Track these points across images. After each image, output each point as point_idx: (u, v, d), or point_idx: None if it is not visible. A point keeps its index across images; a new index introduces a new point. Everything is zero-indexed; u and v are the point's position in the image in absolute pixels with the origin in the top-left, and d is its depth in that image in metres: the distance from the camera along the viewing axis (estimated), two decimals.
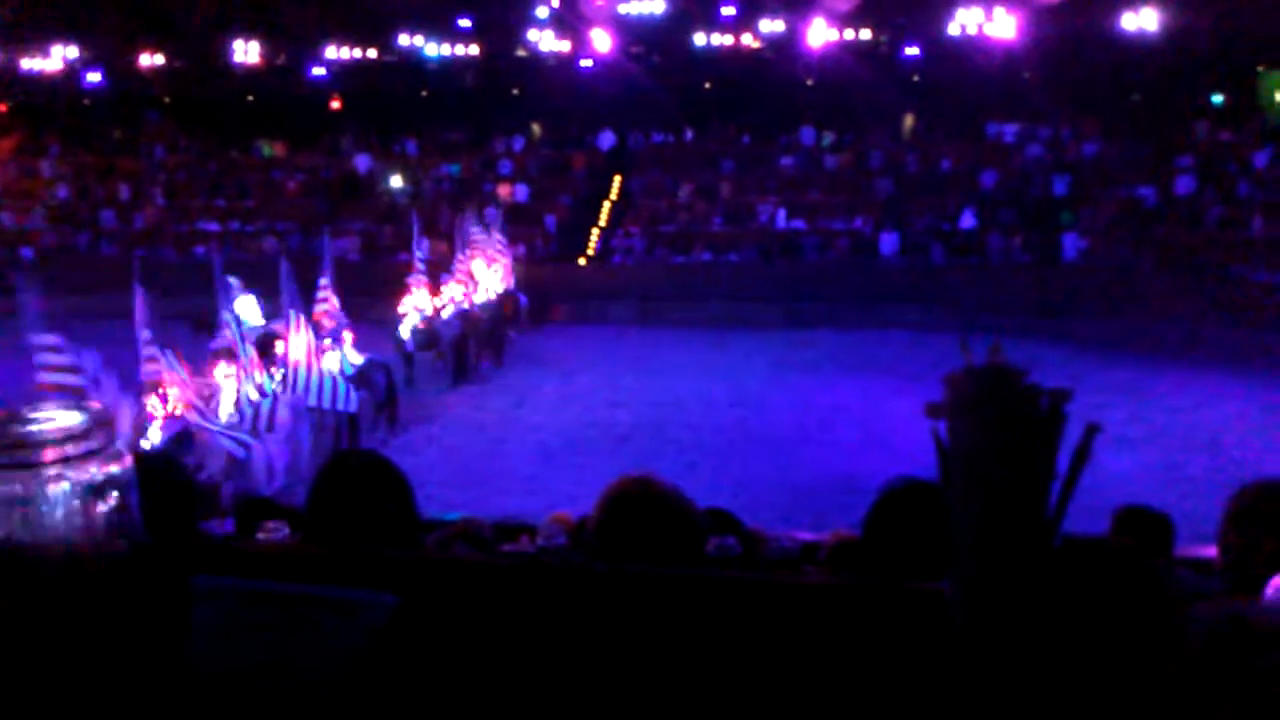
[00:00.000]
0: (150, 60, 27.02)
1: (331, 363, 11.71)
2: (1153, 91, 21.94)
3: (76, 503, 1.22)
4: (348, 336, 12.47)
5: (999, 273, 19.70)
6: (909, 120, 24.38)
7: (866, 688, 1.41)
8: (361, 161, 25.85)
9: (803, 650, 1.47)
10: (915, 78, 23.54)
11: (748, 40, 24.34)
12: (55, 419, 1.22)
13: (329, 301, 12.48)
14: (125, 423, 8.47)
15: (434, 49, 25.83)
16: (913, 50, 23.06)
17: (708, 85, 25.02)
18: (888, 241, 21.11)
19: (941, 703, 1.27)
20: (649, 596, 1.60)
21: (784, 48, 23.79)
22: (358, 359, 12.38)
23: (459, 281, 16.42)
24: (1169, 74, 21.18)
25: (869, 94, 22.74)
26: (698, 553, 2.37)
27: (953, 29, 22.41)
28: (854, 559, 2.43)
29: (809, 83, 23.97)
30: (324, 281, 12.73)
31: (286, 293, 11.36)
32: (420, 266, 15.66)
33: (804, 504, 9.15)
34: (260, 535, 2.56)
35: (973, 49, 22.18)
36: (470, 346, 15.61)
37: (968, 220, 21.14)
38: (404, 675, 1.35)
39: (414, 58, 26.08)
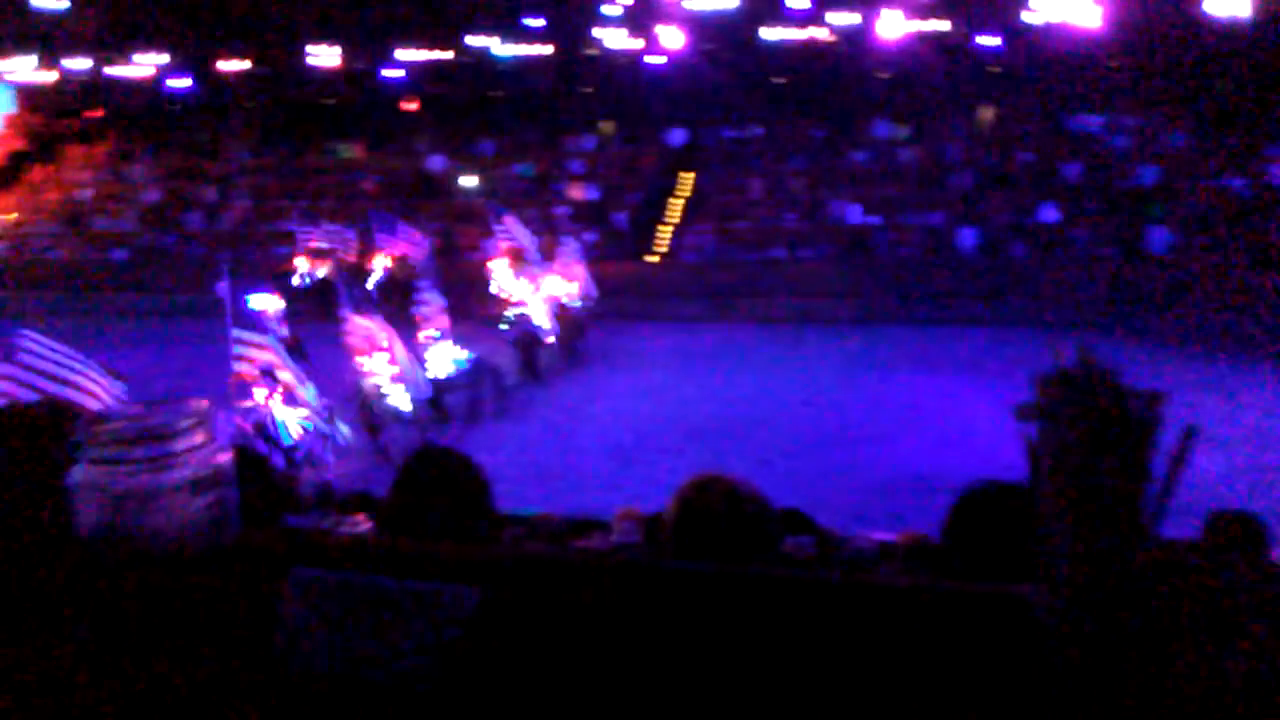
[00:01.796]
0: (234, 66, 27.86)
1: (440, 358, 12.30)
2: (1243, 78, 21.09)
3: (179, 496, 1.27)
4: (445, 334, 12.71)
5: (1082, 268, 19.15)
6: (987, 112, 23.86)
7: (947, 691, 1.39)
8: (436, 162, 26.27)
9: (882, 653, 1.45)
10: (993, 68, 23.02)
11: (819, 33, 24.09)
12: (162, 416, 1.28)
13: (429, 305, 12.70)
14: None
15: (506, 49, 26.13)
16: (990, 40, 22.54)
17: (779, 80, 24.83)
18: (966, 236, 20.69)
19: (1028, 707, 1.24)
20: (726, 595, 1.60)
21: (856, 40, 23.49)
22: (462, 356, 12.67)
23: (556, 277, 16.66)
24: (1260, 60, 20.34)
25: (945, 86, 22.32)
26: (772, 552, 2.36)
27: (1032, 17, 21.86)
28: (932, 560, 2.39)
29: (882, 75, 23.62)
30: (425, 283, 13.06)
31: (351, 296, 11.73)
32: (531, 262, 16.04)
33: (878, 504, 9.03)
34: (343, 528, 2.63)
35: (1054, 37, 21.60)
36: (554, 344, 15.82)
37: (1049, 214, 20.61)
38: (486, 666, 1.37)
39: (486, 59, 26.42)
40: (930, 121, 23.45)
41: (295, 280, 20.04)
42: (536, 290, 15.79)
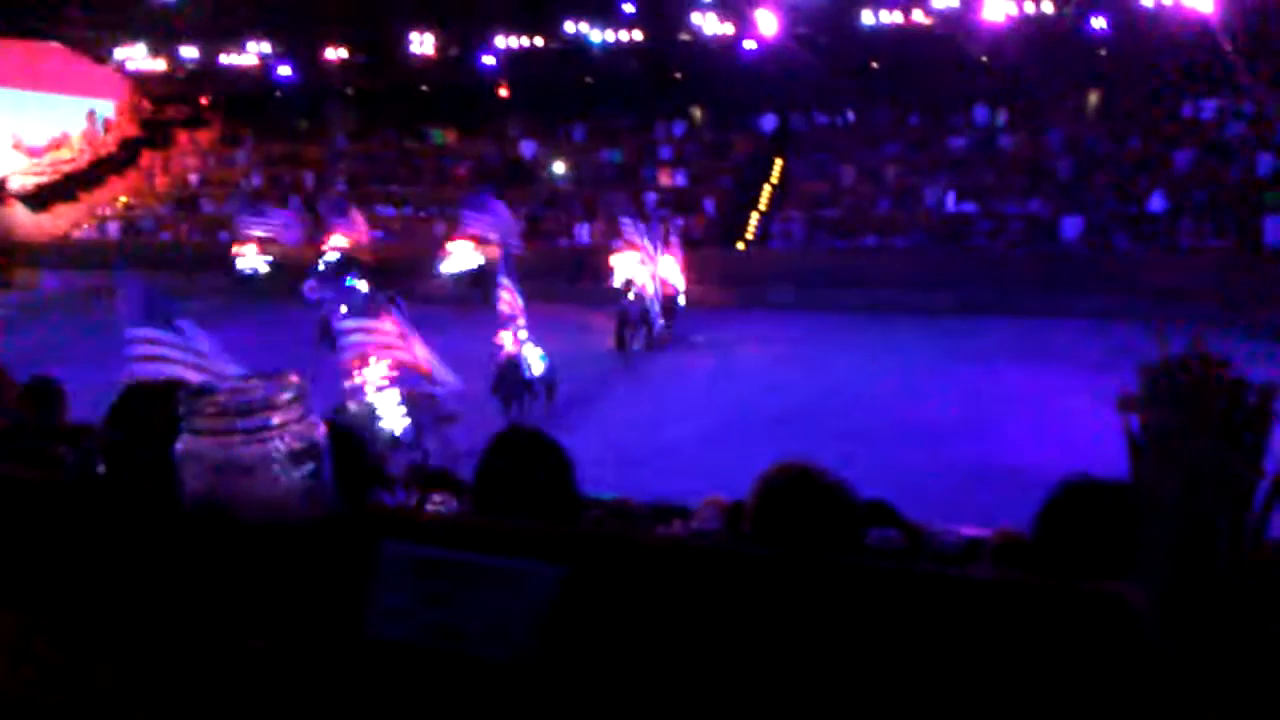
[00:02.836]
0: (334, 54, 28.59)
1: (533, 358, 12.01)
2: None
3: (276, 468, 1.32)
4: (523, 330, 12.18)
5: (1192, 260, 18.33)
6: (1093, 97, 22.99)
7: (1038, 691, 1.35)
8: (527, 148, 26.53)
9: (968, 649, 1.42)
10: (1102, 51, 22.14)
11: (918, 17, 23.51)
12: (259, 389, 1.33)
13: (513, 303, 11.98)
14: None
15: (598, 35, 26.19)
16: (1099, 22, 21.68)
17: (875, 65, 24.33)
18: (1069, 225, 20.01)
19: (1124, 709, 1.20)
20: (809, 584, 1.59)
21: (957, 23, 22.85)
22: (541, 353, 12.25)
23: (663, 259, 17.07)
24: None
25: (1049, 70, 21.55)
26: (857, 544, 2.33)
27: None
28: (1024, 558, 2.32)
29: (983, 59, 22.94)
30: (507, 278, 12.23)
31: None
32: (649, 247, 16.43)
33: (967, 499, 8.81)
34: (430, 506, 2.69)
35: (1167, 19, 20.66)
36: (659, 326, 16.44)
37: (1158, 203, 19.78)
38: (570, 643, 1.39)
39: (579, 44, 26.53)
40: (1032, 107, 22.71)
41: (240, 268, 20.82)
42: (651, 273, 16.19)
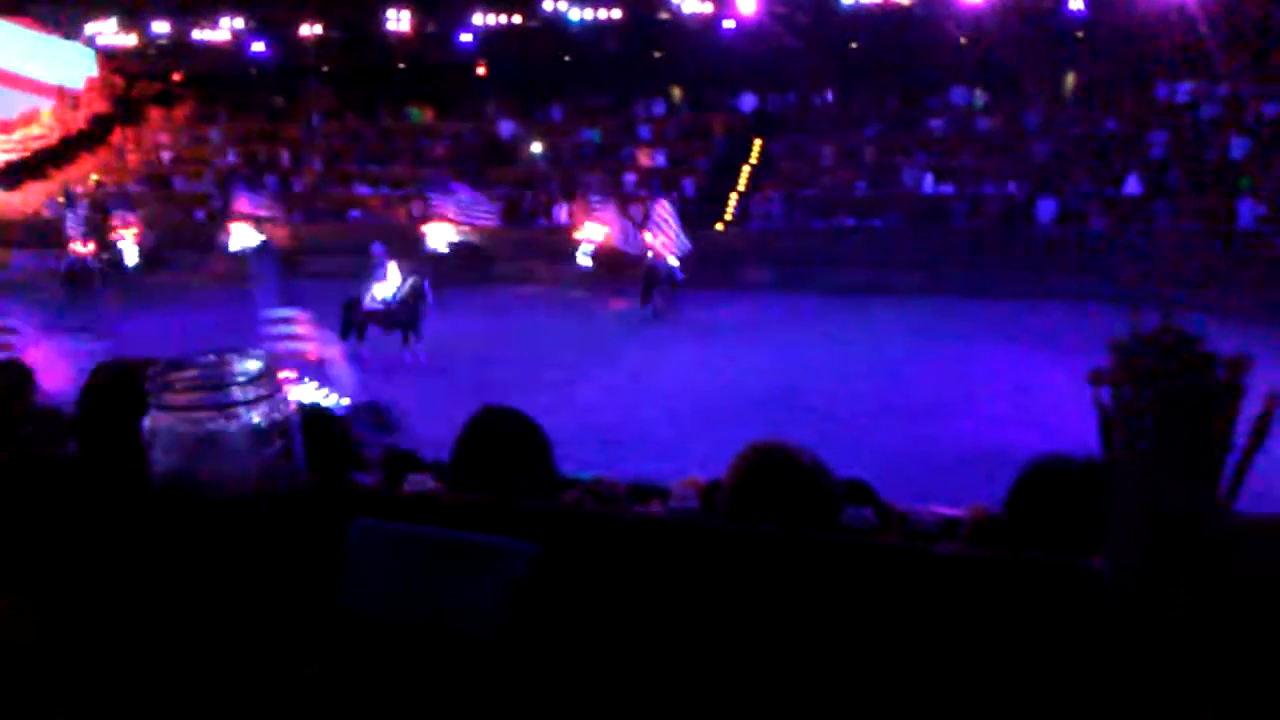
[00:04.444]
0: (310, 30, 28.23)
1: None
2: None
3: (245, 444, 1.30)
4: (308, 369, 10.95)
5: (1166, 241, 18.48)
6: (1070, 79, 23.07)
7: (1009, 664, 1.36)
8: (505, 127, 26.35)
9: (940, 626, 1.43)
10: (1079, 33, 22.22)
11: None
12: (229, 364, 1.31)
13: (288, 333, 11.05)
14: None
15: (578, 14, 26.00)
16: (1077, 4, 21.75)
17: (854, 45, 24.31)
18: (1045, 208, 20.12)
19: (1093, 682, 1.22)
20: (780, 559, 1.59)
21: (936, 4, 22.85)
22: (332, 399, 10.27)
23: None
24: None
25: (1027, 51, 21.61)
26: (832, 523, 2.35)
27: None
28: (996, 536, 2.35)
29: (962, 41, 22.97)
30: (266, 291, 11.17)
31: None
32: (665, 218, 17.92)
33: (944, 479, 8.89)
34: (407, 485, 2.67)
35: (1143, 1, 20.75)
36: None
37: (1133, 185, 19.92)
38: (544, 620, 1.39)
39: (558, 23, 26.32)
40: (1010, 89, 22.78)
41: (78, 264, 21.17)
42: (668, 235, 17.73)
